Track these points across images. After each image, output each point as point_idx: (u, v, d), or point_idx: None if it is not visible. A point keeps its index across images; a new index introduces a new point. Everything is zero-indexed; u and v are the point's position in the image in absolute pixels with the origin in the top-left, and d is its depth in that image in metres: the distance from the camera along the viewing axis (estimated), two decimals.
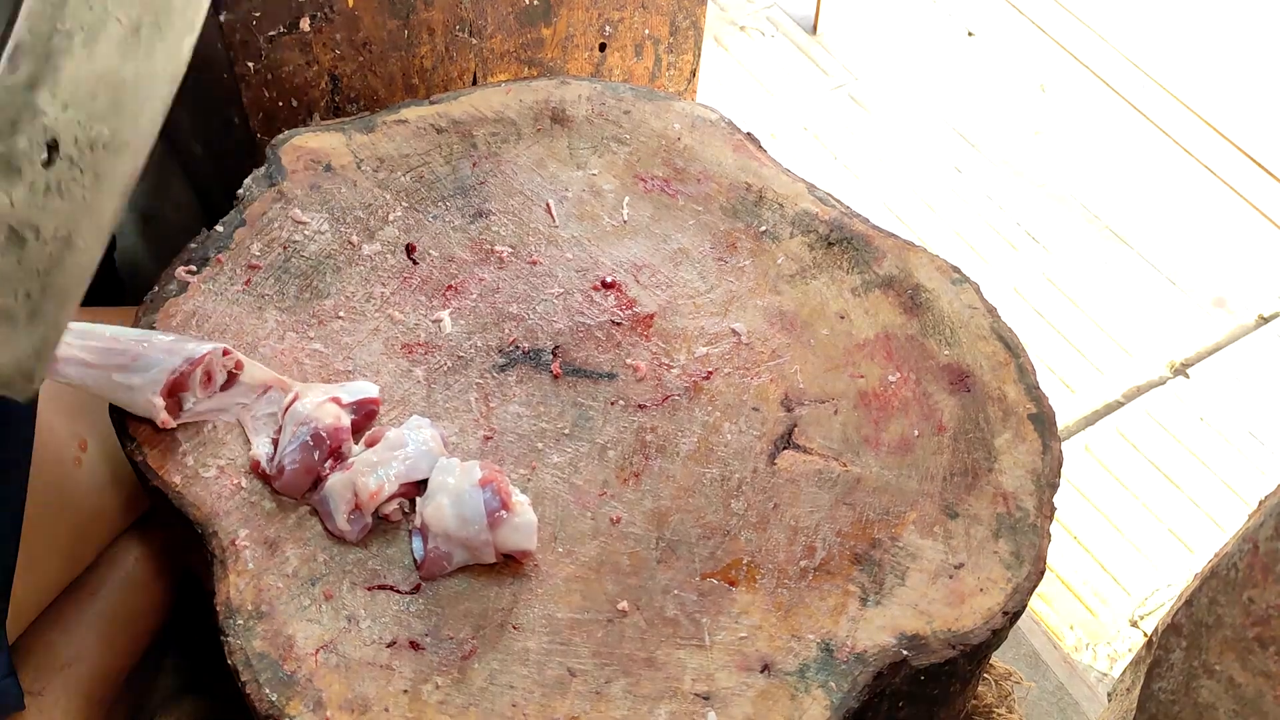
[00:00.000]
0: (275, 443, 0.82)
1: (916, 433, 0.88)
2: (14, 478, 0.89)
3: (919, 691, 0.79)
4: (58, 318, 0.66)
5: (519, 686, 0.73)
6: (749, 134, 1.08)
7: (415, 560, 0.78)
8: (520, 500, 0.78)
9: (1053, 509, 0.84)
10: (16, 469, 0.89)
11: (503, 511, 0.77)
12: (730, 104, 1.99)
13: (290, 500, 0.80)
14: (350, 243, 0.96)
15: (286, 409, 0.82)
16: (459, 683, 0.73)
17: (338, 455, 0.80)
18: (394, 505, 0.80)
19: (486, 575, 0.78)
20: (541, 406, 0.87)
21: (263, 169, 0.99)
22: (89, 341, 0.81)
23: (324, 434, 0.80)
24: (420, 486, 0.80)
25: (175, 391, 0.81)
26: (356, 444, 0.82)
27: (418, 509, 0.79)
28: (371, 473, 0.78)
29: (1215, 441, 1.66)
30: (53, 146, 0.63)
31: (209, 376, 0.82)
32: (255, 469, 0.81)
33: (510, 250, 0.97)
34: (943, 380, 0.91)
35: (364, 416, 0.84)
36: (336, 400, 0.82)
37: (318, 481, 0.80)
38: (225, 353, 0.82)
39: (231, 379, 0.83)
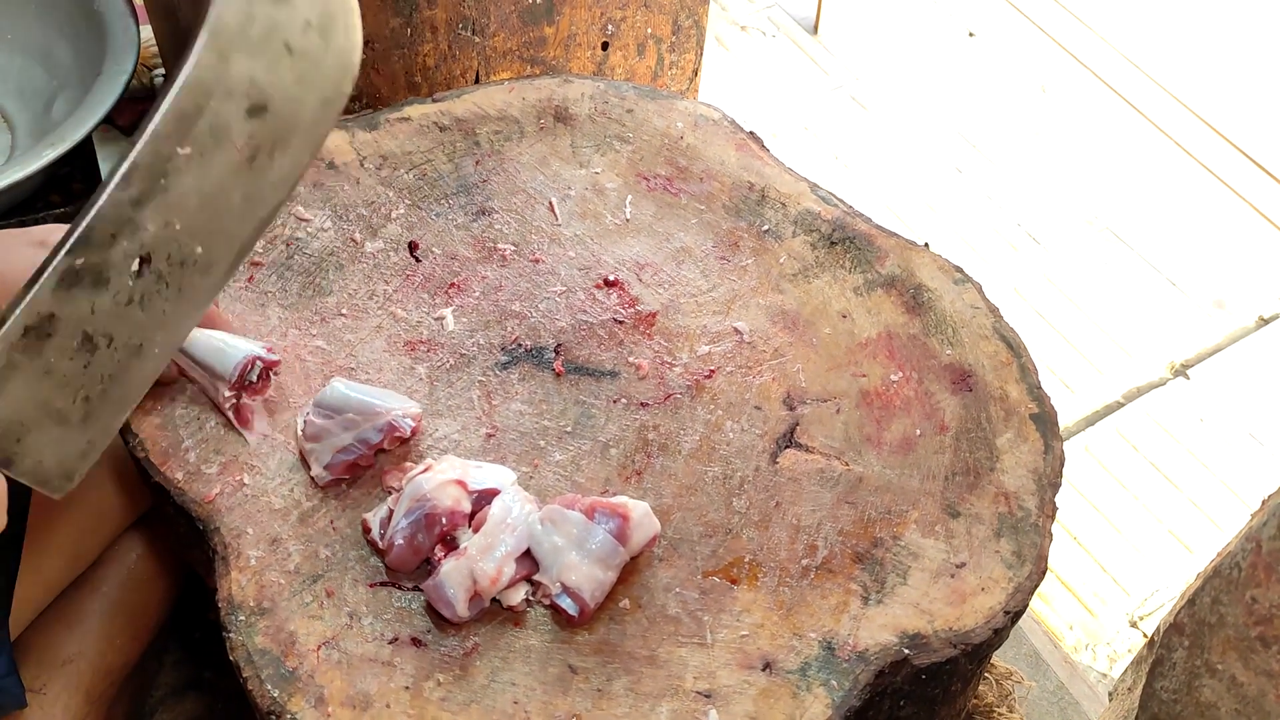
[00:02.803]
0: (391, 511, 0.78)
1: (919, 432, 0.88)
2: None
3: (920, 690, 0.79)
4: (110, 423, 0.66)
5: (520, 684, 0.73)
6: (751, 133, 1.08)
7: (571, 616, 0.76)
8: (624, 500, 0.77)
9: (1054, 508, 0.84)
10: None
11: (624, 523, 0.76)
12: (731, 104, 1.99)
13: (293, 496, 0.80)
14: (353, 240, 0.96)
15: (409, 479, 0.79)
16: (461, 679, 0.73)
17: (449, 541, 0.77)
18: (520, 596, 0.76)
19: None
20: (544, 404, 0.87)
21: None
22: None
23: (439, 516, 0.76)
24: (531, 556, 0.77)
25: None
26: (470, 527, 0.78)
27: (548, 579, 0.76)
28: (487, 557, 0.75)
29: (1215, 442, 1.66)
30: (145, 260, 0.63)
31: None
32: (365, 532, 0.79)
33: (513, 248, 0.97)
34: (945, 380, 0.91)
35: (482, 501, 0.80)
36: (462, 484, 0.78)
37: (428, 563, 0.77)
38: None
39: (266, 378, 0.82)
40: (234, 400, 0.82)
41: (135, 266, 0.63)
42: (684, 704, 0.73)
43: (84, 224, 0.61)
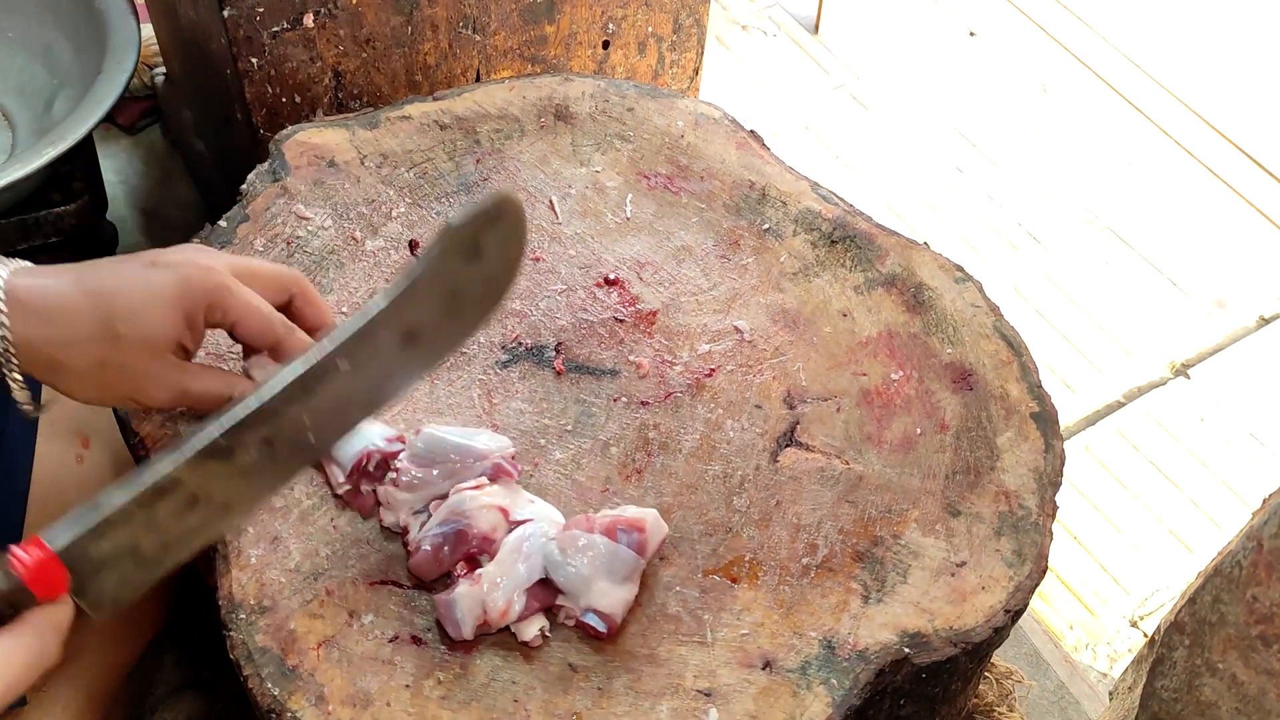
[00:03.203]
0: (431, 516, 0.78)
1: (919, 431, 0.88)
2: (17, 476, 0.89)
3: (920, 689, 0.79)
4: (172, 565, 0.69)
5: (521, 682, 0.73)
6: (752, 131, 1.08)
7: (600, 633, 0.75)
8: (637, 513, 0.77)
9: (1055, 507, 0.84)
10: (19, 468, 0.89)
11: (641, 535, 0.75)
12: (732, 103, 1.99)
13: (293, 495, 0.80)
14: (354, 238, 0.96)
15: (457, 489, 0.78)
16: (461, 678, 0.73)
17: (472, 561, 0.76)
18: (534, 632, 0.75)
19: None
20: (544, 403, 0.87)
21: (266, 164, 0.99)
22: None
23: (471, 536, 0.75)
24: (547, 585, 0.76)
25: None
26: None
27: (576, 605, 0.75)
28: (498, 589, 0.74)
29: (1215, 442, 1.66)
30: (268, 441, 0.69)
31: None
32: (404, 535, 0.78)
33: None
34: (945, 378, 0.91)
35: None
36: (504, 512, 0.77)
37: (448, 576, 0.76)
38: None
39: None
40: (350, 488, 0.80)
41: (258, 449, 0.69)
42: (684, 702, 0.73)
43: (243, 414, 0.67)
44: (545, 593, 0.75)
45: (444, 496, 0.78)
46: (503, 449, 0.80)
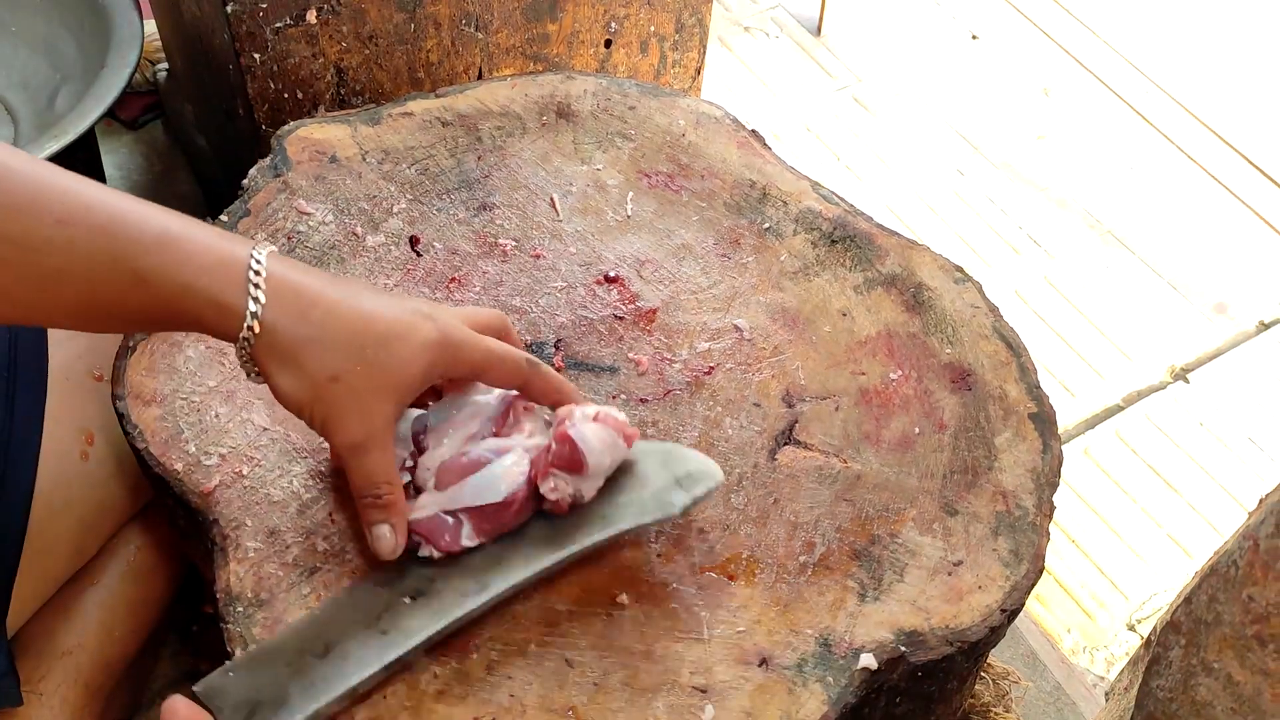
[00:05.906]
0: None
1: (917, 430, 0.88)
2: (21, 472, 0.89)
3: (916, 688, 0.79)
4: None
5: (517, 677, 0.73)
6: (753, 131, 1.08)
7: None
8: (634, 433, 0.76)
9: (1052, 508, 0.84)
10: (24, 464, 0.89)
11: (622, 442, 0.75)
12: (734, 104, 1.99)
13: (291, 488, 0.80)
14: (354, 234, 0.96)
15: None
16: (457, 672, 0.73)
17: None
18: (552, 486, 0.75)
19: None
20: None
21: (268, 160, 0.99)
22: None
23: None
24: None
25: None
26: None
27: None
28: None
29: (1215, 447, 1.66)
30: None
31: None
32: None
33: (514, 244, 0.97)
34: (944, 378, 0.91)
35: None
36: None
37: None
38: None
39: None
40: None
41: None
42: (680, 699, 0.73)
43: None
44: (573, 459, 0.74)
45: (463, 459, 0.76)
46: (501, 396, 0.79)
